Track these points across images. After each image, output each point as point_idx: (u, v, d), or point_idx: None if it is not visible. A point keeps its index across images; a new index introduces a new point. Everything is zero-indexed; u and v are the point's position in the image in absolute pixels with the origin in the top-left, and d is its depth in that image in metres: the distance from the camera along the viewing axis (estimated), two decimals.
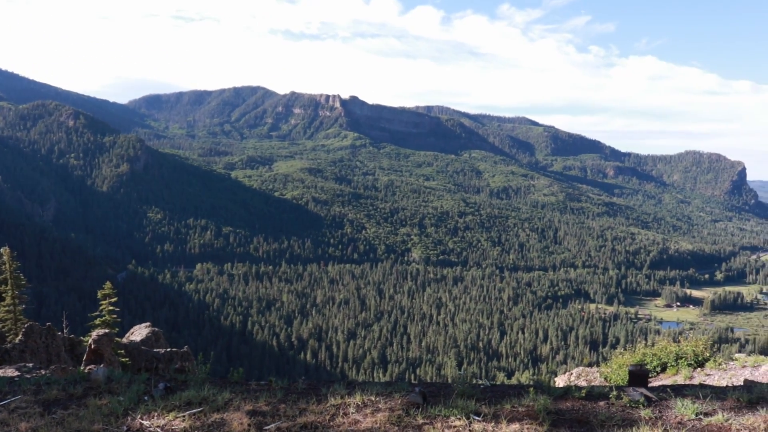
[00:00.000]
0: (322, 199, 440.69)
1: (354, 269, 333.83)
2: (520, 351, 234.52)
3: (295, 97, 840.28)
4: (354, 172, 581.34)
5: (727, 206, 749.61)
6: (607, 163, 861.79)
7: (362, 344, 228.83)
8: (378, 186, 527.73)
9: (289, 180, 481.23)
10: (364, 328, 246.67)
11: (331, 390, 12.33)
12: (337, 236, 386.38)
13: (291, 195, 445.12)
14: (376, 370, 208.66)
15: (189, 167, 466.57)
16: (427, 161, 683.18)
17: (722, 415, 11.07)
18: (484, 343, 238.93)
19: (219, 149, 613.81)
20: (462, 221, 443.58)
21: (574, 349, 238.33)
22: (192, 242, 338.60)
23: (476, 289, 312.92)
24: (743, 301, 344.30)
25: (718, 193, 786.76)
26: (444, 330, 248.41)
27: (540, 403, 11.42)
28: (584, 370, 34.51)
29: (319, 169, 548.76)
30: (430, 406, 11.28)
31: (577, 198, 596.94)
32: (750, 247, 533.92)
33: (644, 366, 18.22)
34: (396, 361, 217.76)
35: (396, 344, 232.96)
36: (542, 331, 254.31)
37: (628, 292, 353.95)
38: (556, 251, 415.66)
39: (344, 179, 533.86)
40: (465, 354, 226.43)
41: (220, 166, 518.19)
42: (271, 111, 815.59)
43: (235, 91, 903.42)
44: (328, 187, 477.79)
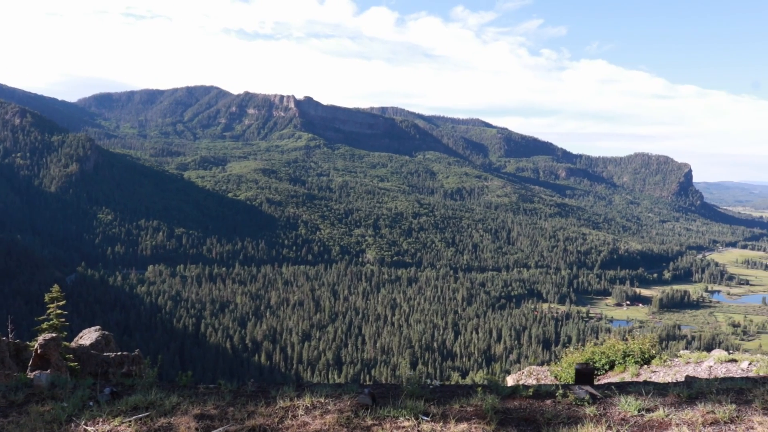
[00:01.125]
0: (276, 200, 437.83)
1: (308, 270, 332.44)
2: (474, 351, 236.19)
3: (249, 97, 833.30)
4: (308, 173, 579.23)
5: (674, 207, 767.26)
6: (559, 164, 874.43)
7: (317, 346, 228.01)
8: (332, 187, 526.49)
9: (243, 181, 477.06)
10: (318, 330, 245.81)
11: (281, 392, 12.30)
12: (292, 237, 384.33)
13: (245, 196, 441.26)
14: (331, 372, 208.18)
15: (141, 167, 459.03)
16: (382, 162, 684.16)
17: (663, 411, 11.38)
18: (439, 343, 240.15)
19: (171, 149, 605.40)
20: (416, 222, 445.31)
21: (528, 348, 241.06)
22: (144, 244, 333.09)
23: (430, 290, 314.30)
24: (690, 299, 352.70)
25: (666, 195, 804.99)
26: (399, 331, 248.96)
27: (488, 403, 11.56)
28: (535, 368, 34.95)
29: (273, 169, 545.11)
30: (380, 407, 11.33)
31: (530, 199, 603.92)
32: (696, 247, 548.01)
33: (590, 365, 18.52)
34: (351, 363, 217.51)
35: (351, 345, 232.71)
36: (496, 331, 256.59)
37: (580, 291, 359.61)
38: (509, 252, 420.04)
39: (298, 180, 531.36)
40: (420, 354, 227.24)
41: (173, 166, 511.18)
42: (224, 111, 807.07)
43: (188, 91, 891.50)
44: (283, 188, 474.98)
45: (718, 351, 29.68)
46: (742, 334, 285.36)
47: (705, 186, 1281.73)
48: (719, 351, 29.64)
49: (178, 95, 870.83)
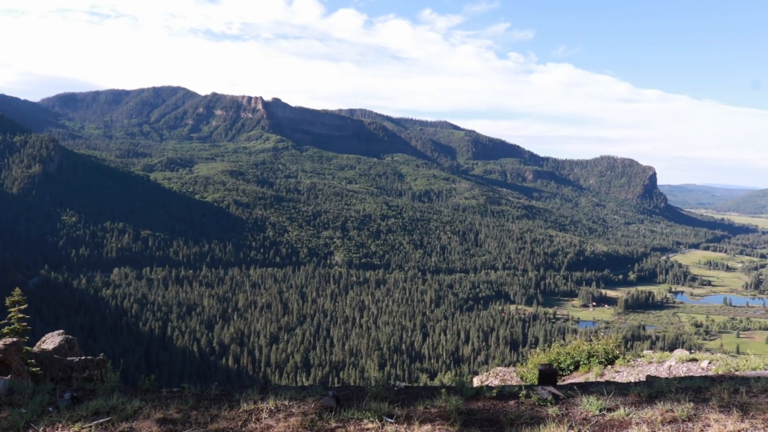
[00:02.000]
0: (243, 201, 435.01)
1: (276, 273, 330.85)
2: (442, 352, 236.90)
3: (216, 98, 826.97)
4: (276, 174, 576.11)
5: (639, 209, 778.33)
6: (526, 167, 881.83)
7: (285, 348, 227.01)
8: (300, 189, 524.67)
9: (210, 182, 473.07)
10: (286, 332, 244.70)
11: (244, 395, 12.23)
12: (259, 239, 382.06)
13: (212, 198, 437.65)
14: (299, 374, 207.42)
15: (106, 169, 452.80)
16: (350, 164, 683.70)
17: (624, 410, 11.57)
18: (407, 345, 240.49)
19: (138, 150, 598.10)
20: (384, 224, 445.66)
21: (495, 350, 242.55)
22: (109, 246, 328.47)
23: (399, 292, 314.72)
24: (654, 299, 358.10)
25: (631, 197, 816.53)
26: (367, 333, 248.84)
27: (452, 404, 11.63)
28: (501, 370, 35.16)
29: (240, 171, 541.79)
30: (344, 409, 11.34)
31: (498, 201, 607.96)
32: (660, 248, 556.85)
33: (553, 365, 18.78)
34: (319, 365, 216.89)
35: (319, 348, 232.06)
36: (464, 332, 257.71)
37: (547, 293, 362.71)
38: (477, 254, 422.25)
39: (266, 182, 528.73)
40: (388, 356, 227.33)
41: (139, 167, 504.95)
42: (191, 112, 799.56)
43: (155, 91, 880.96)
44: (250, 189, 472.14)
45: (680, 351, 30.16)
46: (705, 334, 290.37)
47: (669, 189, 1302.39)
48: (681, 351, 30.11)
49: (145, 96, 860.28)
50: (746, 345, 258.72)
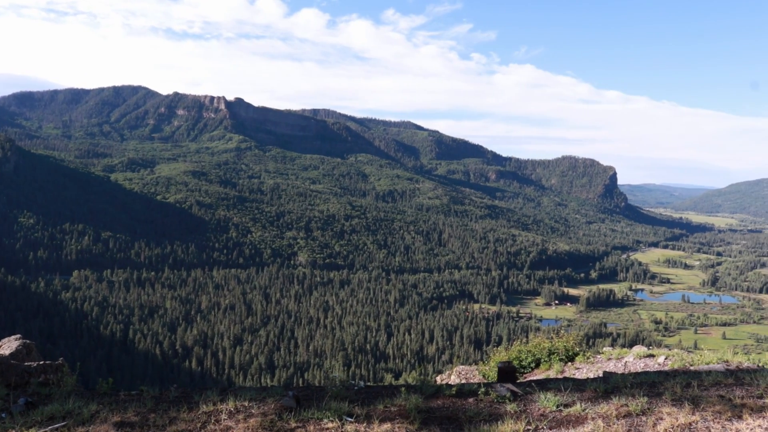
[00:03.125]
0: (206, 202, 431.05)
1: (240, 274, 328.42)
2: (407, 352, 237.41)
3: (178, 98, 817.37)
4: (239, 175, 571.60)
5: (600, 209, 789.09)
6: (489, 167, 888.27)
7: (249, 350, 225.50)
8: (264, 189, 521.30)
9: (172, 183, 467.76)
10: (250, 334, 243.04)
11: (204, 397, 12.19)
12: (222, 240, 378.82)
13: (174, 198, 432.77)
14: (263, 376, 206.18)
15: (65, 169, 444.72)
16: (314, 164, 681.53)
17: (580, 406, 11.81)
18: (372, 345, 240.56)
19: (98, 151, 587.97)
20: (348, 224, 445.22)
21: (460, 349, 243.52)
22: (68, 248, 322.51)
23: (363, 292, 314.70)
24: (615, 297, 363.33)
25: (592, 197, 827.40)
26: (331, 333, 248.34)
27: (412, 402, 11.74)
28: (464, 368, 35.37)
29: (203, 171, 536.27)
30: (304, 409, 11.37)
31: (461, 201, 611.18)
32: (621, 247, 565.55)
33: (512, 363, 19.03)
34: (284, 366, 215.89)
35: (283, 349, 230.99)
36: (428, 332, 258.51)
37: (510, 291, 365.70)
38: (440, 253, 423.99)
39: (229, 182, 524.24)
40: (353, 356, 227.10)
41: (99, 168, 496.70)
42: (153, 112, 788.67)
43: (115, 91, 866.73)
44: (213, 190, 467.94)
45: (639, 347, 30.70)
46: (664, 331, 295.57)
47: (629, 188, 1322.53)
48: (639, 347, 30.66)
49: (105, 95, 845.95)
50: (703, 340, 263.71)
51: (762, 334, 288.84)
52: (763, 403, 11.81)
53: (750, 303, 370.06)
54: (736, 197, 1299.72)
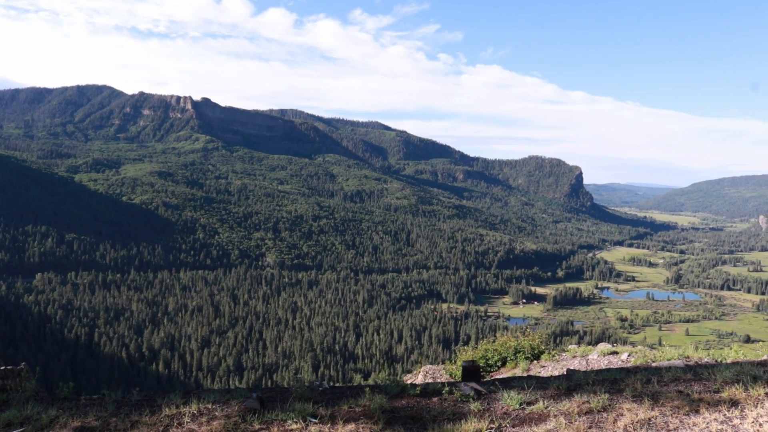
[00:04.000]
0: (173, 203, 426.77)
1: (207, 275, 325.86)
2: (375, 352, 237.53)
3: (144, 97, 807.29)
4: (206, 175, 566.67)
5: (566, 208, 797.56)
6: (456, 167, 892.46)
7: (217, 352, 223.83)
8: (231, 190, 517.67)
9: (138, 184, 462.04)
10: (218, 336, 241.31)
11: (167, 400, 12.09)
12: (189, 241, 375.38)
13: (140, 199, 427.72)
14: (231, 378, 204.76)
15: (27, 170, 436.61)
16: (281, 165, 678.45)
17: (543, 403, 11.96)
18: (341, 345, 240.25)
19: (61, 151, 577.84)
20: (316, 225, 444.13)
21: (428, 348, 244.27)
22: (31, 250, 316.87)
23: (331, 293, 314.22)
24: (581, 296, 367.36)
25: (559, 196, 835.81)
26: (300, 334, 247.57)
27: (376, 402, 11.79)
28: (432, 368, 35.57)
29: (169, 172, 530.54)
30: (268, 411, 11.36)
31: (429, 201, 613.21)
32: (587, 246, 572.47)
33: (476, 362, 19.16)
34: (252, 368, 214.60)
35: (252, 350, 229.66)
36: (397, 332, 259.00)
37: (478, 291, 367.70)
38: (409, 253, 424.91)
39: (196, 183, 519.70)
40: (322, 357, 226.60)
41: (63, 169, 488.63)
42: (118, 112, 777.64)
43: (79, 90, 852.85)
44: (180, 191, 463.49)
45: (603, 344, 31.11)
46: (629, 328, 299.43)
47: (594, 188, 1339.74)
48: (604, 344, 31.07)
49: (68, 95, 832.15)
50: (667, 337, 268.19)
51: (724, 330, 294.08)
52: (719, 398, 12.09)
53: (712, 300, 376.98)
54: (698, 196, 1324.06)
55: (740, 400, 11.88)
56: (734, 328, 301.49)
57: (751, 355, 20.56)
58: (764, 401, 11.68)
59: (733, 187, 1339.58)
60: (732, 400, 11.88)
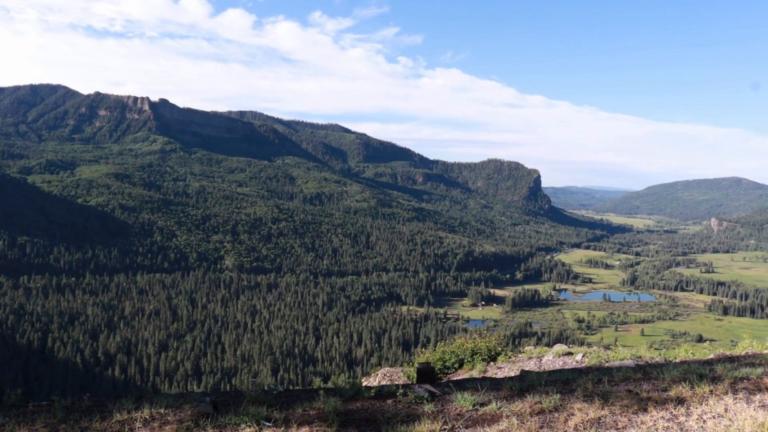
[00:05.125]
0: (129, 205, 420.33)
1: (165, 278, 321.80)
2: (335, 355, 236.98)
3: (100, 98, 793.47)
4: (164, 177, 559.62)
5: (525, 211, 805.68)
6: (416, 170, 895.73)
7: (175, 356, 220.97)
8: (189, 192, 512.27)
9: (94, 186, 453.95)
10: (176, 340, 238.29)
11: (118, 405, 11.92)
12: (146, 244, 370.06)
13: (96, 201, 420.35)
14: (189, 382, 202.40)
15: None
16: (240, 167, 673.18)
17: (496, 404, 12.09)
18: (300, 348, 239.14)
19: (13, 152, 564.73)
20: (275, 227, 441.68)
21: (388, 351, 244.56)
22: None
23: (291, 296, 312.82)
24: (540, 297, 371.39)
25: (517, 199, 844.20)
26: (259, 338, 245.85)
27: (330, 405, 11.80)
28: (389, 370, 35.61)
29: (126, 174, 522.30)
30: (221, 415, 11.28)
31: (389, 204, 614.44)
32: (545, 248, 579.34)
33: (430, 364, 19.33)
34: (210, 372, 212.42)
35: (210, 354, 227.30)
36: (357, 335, 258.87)
37: (438, 293, 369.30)
38: (368, 256, 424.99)
39: (153, 185, 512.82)
40: (281, 361, 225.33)
41: (15, 170, 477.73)
42: (73, 112, 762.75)
43: (32, 89, 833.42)
44: (137, 193, 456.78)
45: (559, 345, 31.57)
46: (586, 329, 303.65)
47: (552, 191, 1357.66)
48: (559, 345, 31.53)
49: (21, 94, 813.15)
50: (623, 338, 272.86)
51: (677, 330, 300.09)
52: (667, 396, 12.38)
53: (666, 300, 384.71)
54: (652, 199, 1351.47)
55: (686, 398, 12.19)
56: (687, 328, 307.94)
57: (699, 355, 21.04)
58: (709, 399, 12.01)
59: (686, 191, 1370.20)
60: (679, 398, 12.18)
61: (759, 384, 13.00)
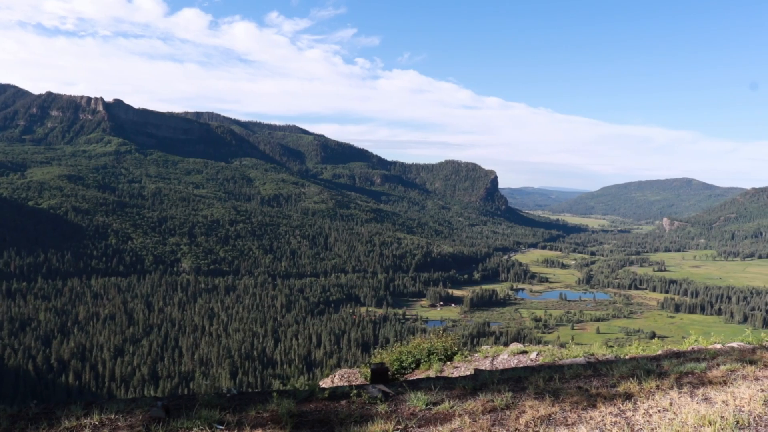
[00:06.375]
0: (83, 208, 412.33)
1: (120, 282, 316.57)
2: (294, 357, 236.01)
3: (52, 98, 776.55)
4: (119, 179, 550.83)
5: (482, 211, 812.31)
6: (374, 171, 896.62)
7: (131, 361, 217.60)
8: (145, 194, 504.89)
9: (46, 188, 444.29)
10: (132, 344, 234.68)
11: (66, 412, 11.73)
12: (101, 247, 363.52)
13: (48, 204, 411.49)
14: (146, 387, 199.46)
15: None
16: (197, 168, 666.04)
17: (449, 403, 12.22)
18: (259, 351, 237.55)
19: None
20: (233, 229, 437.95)
21: (347, 352, 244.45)
22: None
23: (249, 298, 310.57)
24: (497, 297, 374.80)
25: (475, 200, 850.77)
26: (217, 341, 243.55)
27: (284, 407, 11.79)
28: (347, 371, 35.69)
29: (80, 176, 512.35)
30: (173, 419, 11.19)
31: (347, 205, 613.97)
32: (502, 248, 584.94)
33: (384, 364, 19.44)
34: (168, 376, 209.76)
35: (167, 358, 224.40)
36: (316, 336, 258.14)
37: (396, 294, 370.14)
38: (327, 257, 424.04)
39: (108, 187, 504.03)
40: (240, 364, 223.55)
41: None
42: (23, 112, 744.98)
43: None
44: (91, 195, 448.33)
45: (515, 344, 31.98)
46: (543, 328, 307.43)
47: (509, 192, 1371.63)
48: (515, 344, 31.93)
49: None
50: (580, 336, 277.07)
51: (631, 328, 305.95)
52: (615, 392, 12.67)
53: (621, 299, 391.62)
54: (607, 200, 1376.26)
55: (634, 393, 12.49)
56: (641, 325, 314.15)
57: (649, 351, 21.52)
58: (655, 393, 12.33)
59: (639, 191, 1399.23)
60: (627, 394, 12.48)
61: (702, 378, 13.41)
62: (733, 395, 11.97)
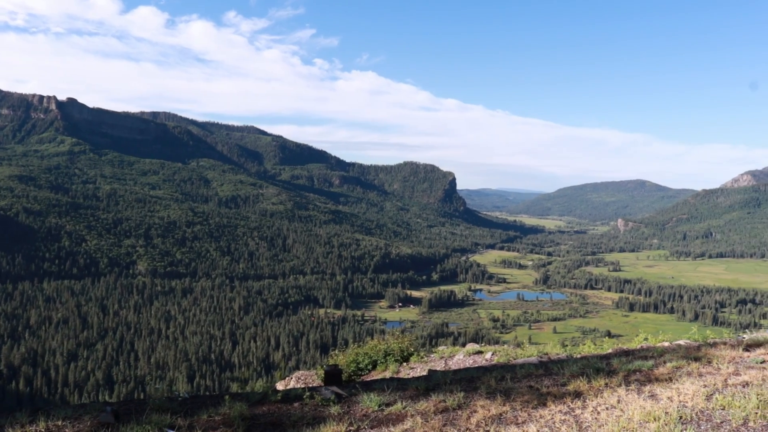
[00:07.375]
0: (35, 209, 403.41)
1: (74, 285, 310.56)
2: (253, 359, 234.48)
3: (1, 95, 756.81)
4: (72, 180, 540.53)
5: (440, 213, 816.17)
6: (333, 172, 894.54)
7: (85, 366, 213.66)
8: (100, 195, 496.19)
9: None
10: (86, 349, 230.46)
11: (11, 420, 11.50)
12: (54, 250, 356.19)
13: None
14: (101, 392, 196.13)
15: None
16: (153, 169, 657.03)
17: (401, 404, 12.31)
18: (217, 354, 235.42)
19: None
20: (190, 231, 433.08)
21: (306, 354, 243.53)
22: None
23: (206, 300, 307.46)
24: (456, 298, 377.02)
25: (433, 201, 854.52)
26: (174, 344, 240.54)
27: (236, 410, 11.76)
28: (304, 373, 35.59)
29: (31, 176, 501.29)
30: (123, 424, 11.06)
31: (305, 206, 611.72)
32: (460, 249, 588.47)
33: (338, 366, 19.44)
34: (123, 381, 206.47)
35: (123, 363, 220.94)
36: (274, 339, 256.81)
37: (355, 295, 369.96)
38: (285, 259, 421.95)
39: (61, 188, 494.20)
40: (197, 367, 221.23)
41: None
42: None
43: None
44: (43, 196, 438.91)
45: (471, 344, 32.22)
46: (501, 328, 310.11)
47: (467, 193, 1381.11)
48: (471, 344, 32.18)
49: None
50: (537, 335, 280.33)
51: (588, 327, 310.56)
52: (565, 390, 12.90)
53: (577, 298, 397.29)
54: (563, 201, 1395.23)
55: (583, 391, 12.73)
56: (597, 324, 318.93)
57: (601, 350, 21.92)
58: (604, 391, 12.58)
59: (594, 193, 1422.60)
60: (576, 392, 12.72)
61: (650, 375, 13.72)
62: (677, 391, 12.28)
